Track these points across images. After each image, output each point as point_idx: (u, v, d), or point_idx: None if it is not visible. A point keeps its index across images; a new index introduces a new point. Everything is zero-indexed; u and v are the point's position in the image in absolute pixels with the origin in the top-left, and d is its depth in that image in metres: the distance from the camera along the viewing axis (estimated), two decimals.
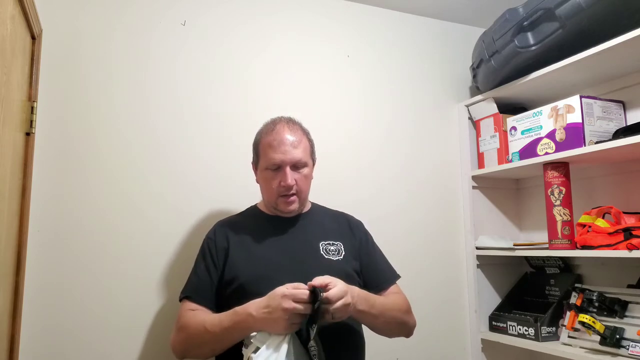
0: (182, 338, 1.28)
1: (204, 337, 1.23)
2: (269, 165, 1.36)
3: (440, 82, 2.17)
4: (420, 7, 2.12)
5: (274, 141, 1.35)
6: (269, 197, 1.40)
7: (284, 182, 1.34)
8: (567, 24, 1.62)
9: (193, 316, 1.29)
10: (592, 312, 1.59)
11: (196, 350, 1.27)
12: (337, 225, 1.48)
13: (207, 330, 1.22)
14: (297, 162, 1.36)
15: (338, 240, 1.42)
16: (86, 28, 1.60)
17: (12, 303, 1.29)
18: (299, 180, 1.37)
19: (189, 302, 1.33)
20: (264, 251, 1.36)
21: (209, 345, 1.24)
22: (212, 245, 1.39)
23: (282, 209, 1.39)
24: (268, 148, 1.36)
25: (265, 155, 1.37)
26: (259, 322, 1.14)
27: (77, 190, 1.53)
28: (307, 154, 1.39)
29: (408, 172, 2.04)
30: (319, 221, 1.47)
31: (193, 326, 1.26)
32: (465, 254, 2.08)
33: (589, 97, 1.68)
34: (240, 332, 1.19)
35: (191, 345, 1.27)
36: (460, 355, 2.01)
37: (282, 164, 1.34)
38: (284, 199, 1.37)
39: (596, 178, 1.84)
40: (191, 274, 1.40)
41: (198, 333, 1.24)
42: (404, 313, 1.39)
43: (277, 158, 1.34)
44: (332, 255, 1.37)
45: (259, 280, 1.28)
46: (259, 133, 1.43)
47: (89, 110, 1.57)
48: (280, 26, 1.90)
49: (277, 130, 1.37)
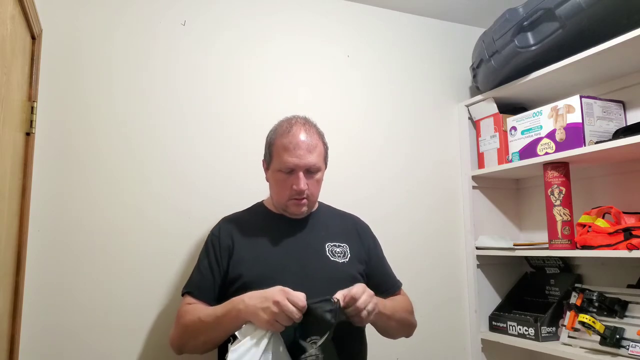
0: (179, 331, 1.29)
1: (198, 327, 1.23)
2: (283, 168, 1.33)
3: (440, 82, 2.17)
4: (420, 7, 2.12)
5: (289, 144, 1.32)
6: (279, 198, 1.39)
7: (296, 186, 1.32)
8: (567, 24, 1.62)
9: (192, 309, 1.29)
10: (592, 312, 1.59)
11: (192, 342, 1.26)
12: (344, 227, 1.47)
13: (200, 320, 1.23)
14: (311, 167, 1.33)
15: (344, 242, 1.42)
16: (86, 28, 1.60)
17: (12, 303, 1.29)
18: (311, 185, 1.35)
19: (190, 297, 1.33)
20: (269, 250, 1.36)
21: (202, 335, 1.24)
22: (215, 242, 1.38)
23: (292, 211, 1.38)
24: (283, 150, 1.33)
25: (279, 157, 1.34)
26: (248, 310, 1.13)
27: (77, 190, 1.53)
28: (321, 158, 1.37)
29: (408, 172, 2.04)
30: (325, 222, 1.46)
31: (189, 317, 1.27)
32: (465, 254, 2.08)
33: (589, 97, 1.68)
34: (231, 322, 1.17)
35: (186, 337, 1.27)
36: (460, 355, 2.01)
37: (296, 168, 1.32)
38: (295, 202, 1.36)
39: (596, 178, 1.84)
40: (194, 269, 1.40)
41: (192, 323, 1.25)
42: (410, 314, 1.42)
43: (292, 162, 1.31)
44: (337, 258, 1.37)
45: (263, 280, 1.28)
46: (274, 132, 1.39)
47: (89, 110, 1.57)
48: (280, 26, 1.90)
49: (293, 133, 1.33)
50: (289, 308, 1.09)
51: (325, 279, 1.30)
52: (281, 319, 1.10)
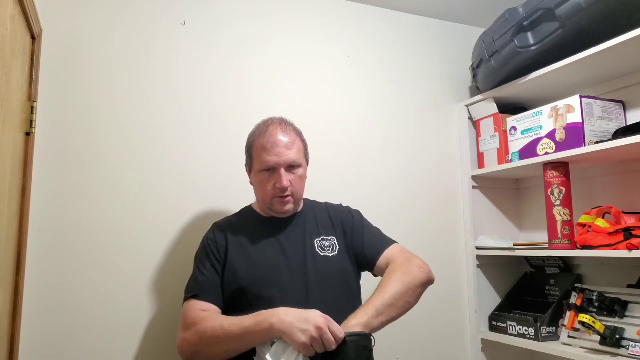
0: (195, 338, 1.22)
1: (220, 335, 1.18)
2: (264, 167, 1.35)
3: (440, 82, 2.17)
4: (420, 7, 2.12)
5: (267, 143, 1.34)
6: (263, 198, 1.39)
7: (279, 184, 1.33)
8: (567, 24, 1.62)
9: (208, 316, 1.24)
10: (592, 312, 1.59)
11: (210, 350, 1.21)
12: (327, 219, 1.47)
13: (224, 328, 1.18)
14: (291, 164, 1.35)
15: (331, 235, 1.42)
16: (86, 28, 1.60)
17: (12, 303, 1.29)
18: (294, 181, 1.36)
19: (197, 300, 1.29)
20: (262, 253, 1.36)
21: (224, 345, 1.19)
22: (213, 245, 1.38)
23: (278, 209, 1.38)
24: (262, 150, 1.35)
25: (259, 158, 1.36)
26: (284, 327, 1.10)
27: (77, 190, 1.53)
28: (301, 154, 1.39)
29: (408, 172, 2.04)
30: (312, 218, 1.46)
31: (208, 325, 1.21)
32: (465, 254, 2.08)
33: (589, 97, 1.68)
34: (260, 334, 1.14)
35: (204, 345, 1.21)
36: (460, 355, 2.01)
37: (277, 166, 1.34)
38: (280, 199, 1.36)
39: (596, 178, 1.84)
40: (195, 274, 1.37)
41: (213, 331, 1.19)
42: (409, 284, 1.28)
43: (272, 160, 1.33)
44: (327, 252, 1.38)
45: (259, 282, 1.29)
46: (252, 135, 1.42)
47: (89, 110, 1.57)
48: (280, 26, 1.90)
49: (270, 132, 1.36)
50: (328, 337, 1.08)
51: (317, 274, 1.32)
52: (317, 345, 1.09)
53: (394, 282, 1.27)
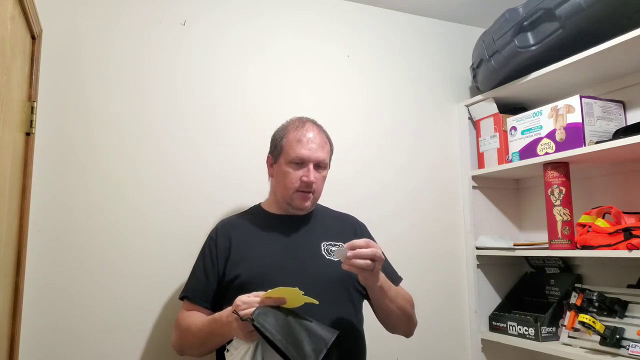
0: (177, 338, 1.36)
1: (191, 339, 1.30)
2: (294, 159, 1.37)
3: (440, 82, 2.17)
4: (420, 7, 2.12)
5: (303, 137, 1.38)
6: (284, 191, 1.40)
7: (306, 177, 1.36)
8: (567, 24, 1.62)
9: (187, 317, 1.34)
10: (592, 312, 1.59)
11: (189, 350, 1.34)
12: (340, 227, 1.49)
13: (192, 333, 1.29)
14: (320, 162, 1.39)
15: (340, 242, 1.42)
16: (86, 28, 1.60)
17: (12, 303, 1.29)
18: (318, 180, 1.40)
19: (187, 302, 1.37)
20: (267, 250, 1.37)
21: (196, 347, 1.31)
22: (212, 245, 1.40)
23: (297, 204, 1.40)
24: (296, 142, 1.38)
25: (291, 149, 1.38)
26: (225, 327, 1.17)
27: (77, 190, 1.53)
28: (328, 156, 1.44)
29: (408, 172, 2.04)
30: (322, 222, 1.48)
31: (184, 328, 1.32)
32: (465, 254, 2.08)
33: (589, 97, 1.68)
34: (219, 337, 1.22)
35: (184, 345, 1.34)
36: (460, 355, 2.01)
37: (308, 160, 1.37)
38: (302, 194, 1.39)
39: (596, 178, 1.84)
40: (191, 273, 1.42)
41: (187, 335, 1.32)
42: (411, 306, 1.42)
43: (304, 154, 1.37)
44: (333, 256, 1.38)
45: (260, 279, 1.29)
46: (284, 128, 1.44)
47: (89, 110, 1.57)
48: (280, 26, 1.90)
49: (306, 128, 1.41)
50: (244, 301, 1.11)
51: (320, 277, 1.32)
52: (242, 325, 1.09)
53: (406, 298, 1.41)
